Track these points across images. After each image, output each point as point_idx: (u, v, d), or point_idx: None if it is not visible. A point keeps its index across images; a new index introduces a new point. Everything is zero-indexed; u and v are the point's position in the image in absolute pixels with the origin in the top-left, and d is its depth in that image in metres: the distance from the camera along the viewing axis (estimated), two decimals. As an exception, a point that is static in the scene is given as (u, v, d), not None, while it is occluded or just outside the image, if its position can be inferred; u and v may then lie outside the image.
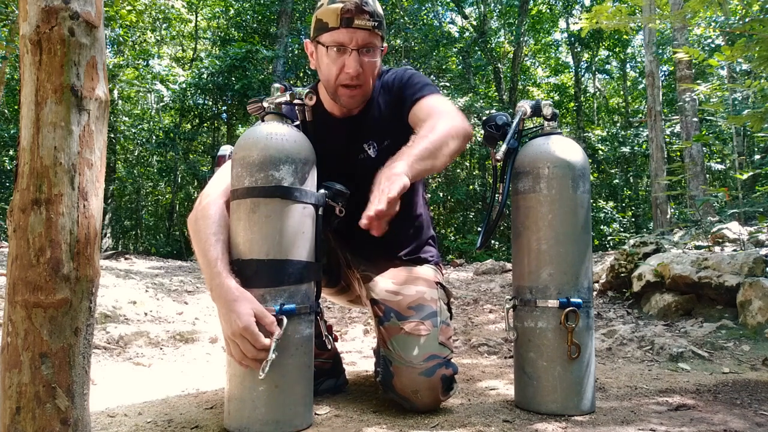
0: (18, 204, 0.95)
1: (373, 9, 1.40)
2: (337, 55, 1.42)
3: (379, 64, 1.50)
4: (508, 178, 1.48)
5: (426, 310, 1.46)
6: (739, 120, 3.02)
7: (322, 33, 1.42)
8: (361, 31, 1.39)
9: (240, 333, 1.17)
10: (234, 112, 12.09)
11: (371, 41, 1.42)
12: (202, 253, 1.28)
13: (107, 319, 2.81)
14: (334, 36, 1.40)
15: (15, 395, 0.93)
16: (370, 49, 1.43)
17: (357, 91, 1.46)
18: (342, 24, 1.38)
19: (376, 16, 1.41)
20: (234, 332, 1.18)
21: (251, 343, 1.17)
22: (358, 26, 1.38)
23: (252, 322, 1.17)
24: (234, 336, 1.19)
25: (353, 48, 1.40)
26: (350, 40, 1.40)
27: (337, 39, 1.40)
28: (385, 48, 1.51)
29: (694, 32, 9.20)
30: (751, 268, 2.77)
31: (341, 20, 1.38)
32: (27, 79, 0.95)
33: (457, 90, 11.38)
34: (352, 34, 1.39)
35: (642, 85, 14.67)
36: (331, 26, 1.40)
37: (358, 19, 1.38)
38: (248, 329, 1.17)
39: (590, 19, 2.97)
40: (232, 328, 1.18)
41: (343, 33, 1.39)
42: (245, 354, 1.19)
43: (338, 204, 1.37)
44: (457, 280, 4.88)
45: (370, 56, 1.44)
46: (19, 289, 0.94)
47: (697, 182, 6.88)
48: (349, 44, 1.40)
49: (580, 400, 1.38)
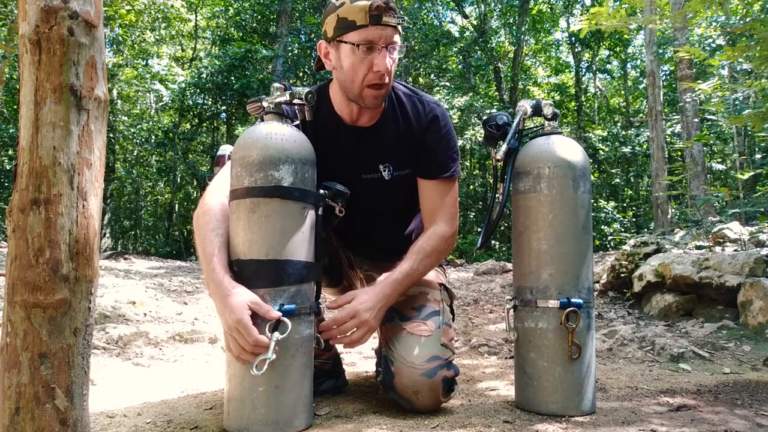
0: (17, 204, 0.94)
1: (395, 6, 1.38)
2: (365, 53, 1.36)
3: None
4: (508, 178, 1.48)
5: (428, 310, 1.46)
6: (741, 120, 3.02)
7: (347, 32, 1.36)
8: (390, 28, 1.36)
9: (234, 326, 1.17)
10: (233, 112, 12.09)
11: (397, 39, 1.39)
12: (201, 249, 1.28)
13: (107, 319, 2.81)
14: (363, 34, 1.34)
15: (14, 395, 0.93)
16: (395, 48, 1.39)
17: (382, 92, 1.42)
18: (371, 21, 1.33)
19: (398, 13, 1.38)
20: (229, 326, 1.18)
21: (245, 337, 1.17)
22: (386, 23, 1.34)
23: (245, 316, 1.16)
24: (230, 330, 1.19)
25: (382, 45, 1.36)
26: (380, 38, 1.35)
27: (366, 37, 1.34)
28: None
29: (695, 32, 9.19)
30: (752, 269, 2.76)
31: (370, 17, 1.33)
32: (26, 78, 0.95)
33: (457, 90, 11.40)
34: (382, 31, 1.34)
35: (643, 85, 14.66)
36: (359, 24, 1.33)
37: (386, 16, 1.34)
38: (241, 322, 1.16)
39: (589, 20, 2.96)
40: (227, 322, 1.18)
41: (373, 30, 1.34)
42: (243, 348, 1.18)
43: (338, 204, 1.37)
44: (458, 280, 4.88)
45: (396, 55, 1.40)
46: (19, 289, 0.94)
47: (698, 182, 6.88)
48: (378, 42, 1.35)
49: (581, 401, 1.38)
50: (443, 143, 1.52)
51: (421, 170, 1.53)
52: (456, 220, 1.55)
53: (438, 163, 1.51)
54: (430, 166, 1.51)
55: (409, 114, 1.52)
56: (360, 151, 1.52)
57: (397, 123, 1.52)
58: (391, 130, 1.52)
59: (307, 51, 11.50)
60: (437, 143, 1.51)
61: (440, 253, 1.51)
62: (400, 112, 1.53)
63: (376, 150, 1.53)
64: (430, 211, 1.53)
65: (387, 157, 1.53)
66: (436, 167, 1.51)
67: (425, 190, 1.53)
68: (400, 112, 1.53)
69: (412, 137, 1.51)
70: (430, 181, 1.52)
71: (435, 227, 1.51)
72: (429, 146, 1.51)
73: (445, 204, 1.52)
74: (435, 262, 1.52)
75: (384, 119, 1.52)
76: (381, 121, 1.52)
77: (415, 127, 1.52)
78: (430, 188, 1.52)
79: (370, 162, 1.53)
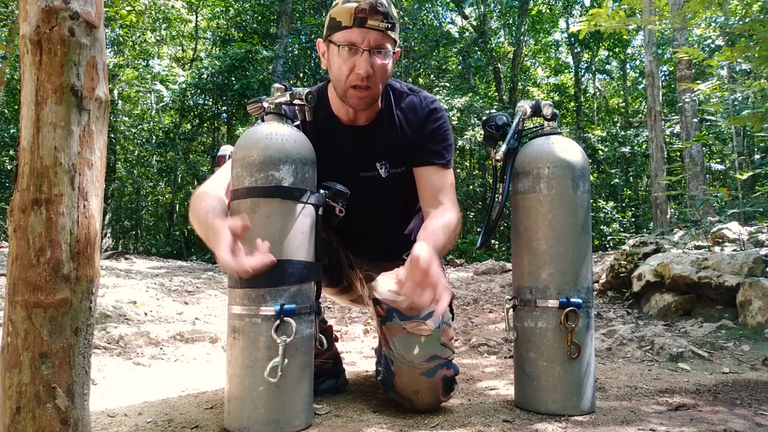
0: (18, 204, 0.95)
1: (387, 10, 1.38)
2: (348, 54, 1.39)
3: (390, 68, 1.48)
4: (508, 178, 1.48)
5: (428, 310, 1.46)
6: (740, 120, 3.02)
7: (335, 32, 1.40)
8: (374, 31, 1.37)
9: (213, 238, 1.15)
10: (234, 112, 12.09)
11: (383, 43, 1.40)
12: (197, 219, 1.26)
13: (107, 319, 2.81)
14: (346, 35, 1.38)
15: (15, 395, 0.93)
16: (381, 51, 1.40)
17: (366, 93, 1.43)
18: (355, 23, 1.36)
19: (389, 17, 1.39)
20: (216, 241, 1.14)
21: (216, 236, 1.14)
22: (371, 26, 1.36)
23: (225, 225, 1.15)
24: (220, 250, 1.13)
25: (365, 48, 1.37)
26: (362, 40, 1.37)
27: (349, 38, 1.37)
28: (398, 52, 1.49)
29: (694, 32, 9.20)
30: (751, 268, 2.77)
31: (354, 19, 1.35)
32: (27, 79, 0.95)
33: (457, 90, 11.39)
34: (365, 34, 1.36)
35: (642, 85, 14.67)
36: (344, 25, 1.37)
37: (371, 19, 1.35)
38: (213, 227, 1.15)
39: (588, 22, 2.97)
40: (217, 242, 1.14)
41: (356, 32, 1.36)
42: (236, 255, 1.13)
43: (338, 204, 1.37)
44: (457, 280, 4.88)
45: (381, 58, 1.41)
46: (20, 289, 0.94)
47: (697, 182, 6.89)
48: (361, 44, 1.37)
49: (580, 400, 1.38)
50: (440, 132, 1.54)
51: (418, 159, 1.54)
52: (458, 206, 1.53)
53: (434, 150, 1.53)
54: (426, 153, 1.53)
55: (405, 109, 1.55)
56: (357, 150, 1.54)
57: (393, 120, 1.54)
58: (388, 128, 1.54)
59: (307, 51, 11.51)
60: (434, 132, 1.54)
61: (452, 230, 1.42)
62: (396, 109, 1.55)
63: (373, 148, 1.54)
64: (431, 196, 1.51)
65: (383, 155, 1.55)
66: (432, 153, 1.53)
67: (423, 176, 1.53)
68: (397, 108, 1.55)
69: (411, 130, 1.54)
70: (427, 168, 1.53)
71: (441, 208, 1.46)
72: (425, 135, 1.53)
73: (446, 189, 1.52)
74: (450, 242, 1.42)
75: (380, 118, 1.54)
76: (377, 119, 1.54)
77: (413, 119, 1.54)
78: (428, 174, 1.53)
79: (367, 160, 1.55)
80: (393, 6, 1.43)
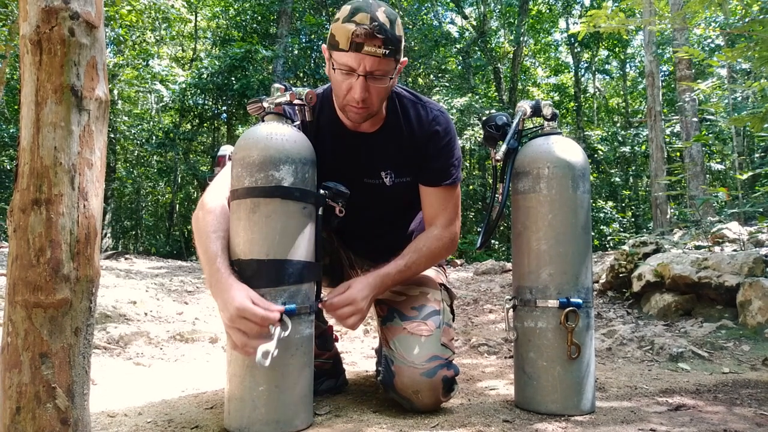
0: (18, 204, 0.95)
1: (386, 35, 1.30)
2: (344, 77, 1.35)
3: (391, 85, 1.43)
4: (508, 178, 1.48)
5: (429, 310, 1.46)
6: (740, 121, 3.02)
7: (333, 50, 1.35)
8: (371, 57, 1.30)
9: (237, 314, 1.15)
10: (234, 112, 12.09)
11: (381, 68, 1.33)
12: (203, 249, 1.27)
13: (107, 319, 2.81)
14: (343, 58, 1.32)
15: (15, 395, 0.93)
16: (378, 77, 1.34)
17: (363, 110, 1.40)
18: (351, 48, 1.29)
19: (389, 42, 1.30)
20: (231, 316, 1.16)
21: (250, 319, 1.15)
22: (367, 53, 1.29)
23: (248, 302, 1.16)
24: (232, 321, 1.16)
25: (360, 74, 1.32)
26: (358, 65, 1.31)
27: (345, 62, 1.32)
28: (404, 63, 1.43)
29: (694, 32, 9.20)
30: (751, 268, 2.77)
31: (351, 44, 1.29)
32: (27, 79, 0.95)
33: (456, 90, 11.40)
34: (361, 59, 1.30)
35: (642, 85, 14.67)
36: (341, 47, 1.31)
37: (368, 45, 1.29)
38: (243, 306, 1.15)
39: (587, 23, 2.96)
40: (229, 311, 1.16)
41: (352, 57, 1.31)
42: (247, 334, 1.16)
43: (338, 204, 1.37)
44: (457, 280, 4.88)
45: (380, 83, 1.35)
46: (20, 289, 0.94)
47: (697, 182, 6.89)
48: (356, 69, 1.32)
49: (580, 400, 1.38)
50: (445, 151, 1.51)
51: (423, 178, 1.53)
52: (455, 224, 1.55)
53: (440, 171, 1.51)
54: (432, 174, 1.52)
55: (412, 121, 1.52)
56: (362, 157, 1.52)
57: (399, 130, 1.52)
58: (393, 138, 1.52)
59: (307, 51, 11.51)
60: (439, 151, 1.51)
61: (436, 253, 1.52)
62: (403, 119, 1.52)
63: (378, 156, 1.52)
64: (431, 216, 1.55)
65: (389, 164, 1.53)
66: (438, 175, 1.51)
67: (427, 196, 1.55)
68: (403, 119, 1.52)
69: (414, 145, 1.51)
70: (432, 188, 1.53)
71: (433, 229, 1.53)
72: (431, 154, 1.51)
73: (446, 209, 1.54)
74: (430, 262, 1.53)
75: (386, 126, 1.52)
76: (383, 128, 1.52)
77: (418, 134, 1.51)
78: (432, 195, 1.54)
79: (372, 167, 1.53)
80: (398, 25, 1.35)
